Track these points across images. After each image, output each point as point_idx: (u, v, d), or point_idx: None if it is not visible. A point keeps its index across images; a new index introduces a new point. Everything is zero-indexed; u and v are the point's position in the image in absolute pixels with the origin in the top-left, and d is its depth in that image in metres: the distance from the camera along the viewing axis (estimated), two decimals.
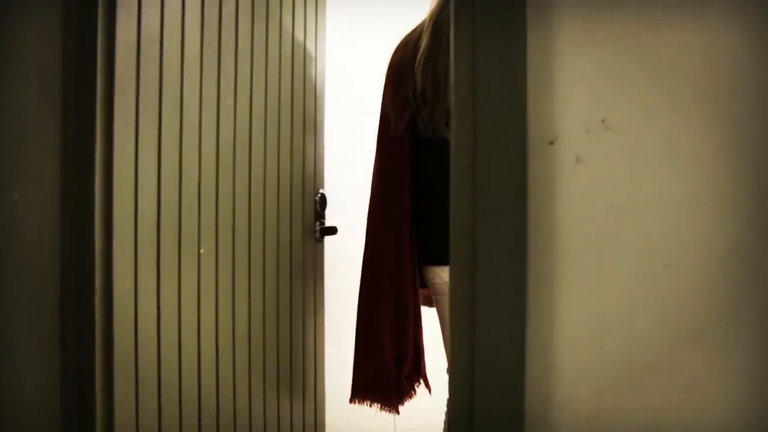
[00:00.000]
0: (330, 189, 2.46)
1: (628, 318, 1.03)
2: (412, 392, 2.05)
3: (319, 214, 2.38)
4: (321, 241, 2.40)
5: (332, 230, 2.40)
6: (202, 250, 2.00)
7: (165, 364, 1.90)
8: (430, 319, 2.07)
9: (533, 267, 1.04)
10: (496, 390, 1.01)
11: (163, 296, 1.90)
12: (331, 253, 2.60)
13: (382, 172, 1.99)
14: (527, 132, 1.02)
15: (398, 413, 2.01)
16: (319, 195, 2.37)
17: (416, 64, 1.86)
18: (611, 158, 1.03)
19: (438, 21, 1.83)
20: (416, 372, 2.04)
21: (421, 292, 2.01)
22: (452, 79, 1.06)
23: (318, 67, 2.37)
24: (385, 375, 1.97)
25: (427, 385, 2.09)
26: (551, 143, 1.03)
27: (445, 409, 1.97)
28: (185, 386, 1.95)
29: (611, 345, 1.03)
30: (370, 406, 2.04)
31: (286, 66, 2.26)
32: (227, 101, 2.06)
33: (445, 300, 1.87)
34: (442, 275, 1.89)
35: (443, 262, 1.81)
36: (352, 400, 2.05)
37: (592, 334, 1.04)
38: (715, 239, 1.00)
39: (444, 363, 1.92)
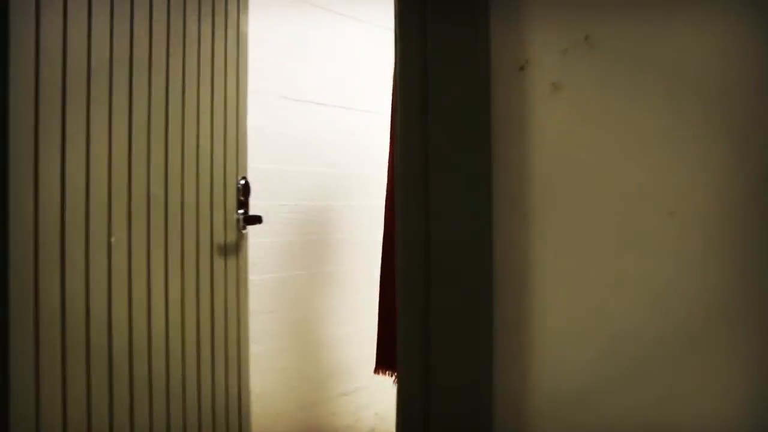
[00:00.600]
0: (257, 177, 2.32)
1: (620, 279, 0.83)
2: None
3: (242, 202, 2.24)
4: (244, 230, 2.26)
5: (256, 219, 2.27)
6: (113, 239, 1.83)
7: (71, 369, 1.72)
8: None
9: (501, 224, 0.85)
10: (457, 373, 0.83)
11: (69, 289, 1.72)
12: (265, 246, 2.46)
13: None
14: (490, 55, 0.84)
15: None
16: (243, 181, 2.23)
17: None
18: (597, 84, 0.83)
19: None
20: None
21: None
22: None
23: (241, 48, 2.23)
24: None
25: None
26: (521, 68, 0.85)
27: None
28: (95, 394, 1.77)
29: (600, 313, 0.84)
30: (391, 376, 2.23)
31: (206, 45, 2.11)
32: (140, 78, 1.90)
33: None
34: None
35: None
36: (376, 371, 2.27)
37: (576, 301, 0.85)
38: (730, 181, 0.79)
39: None
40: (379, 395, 2.85)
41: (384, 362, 2.24)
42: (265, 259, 2.55)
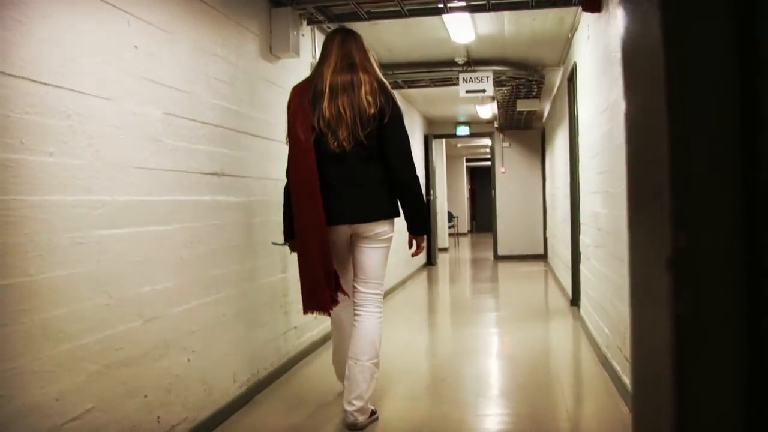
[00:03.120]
0: None
1: None
2: (338, 300, 3.23)
3: None
4: None
5: None
6: None
7: None
8: None
9: None
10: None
11: None
12: None
13: (299, 171, 3.16)
14: None
15: (330, 315, 3.31)
16: None
17: (322, 103, 3.14)
18: None
19: (333, 79, 3.16)
20: (337, 286, 3.22)
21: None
22: None
23: None
24: (322, 291, 3.13)
25: (345, 293, 3.29)
26: None
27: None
28: None
29: None
30: (316, 314, 3.25)
31: None
32: None
33: (339, 242, 3.31)
34: (340, 229, 3.24)
35: (337, 222, 3.19)
36: (305, 312, 3.24)
37: None
38: None
39: None
40: None
41: (311, 305, 3.20)
42: None
